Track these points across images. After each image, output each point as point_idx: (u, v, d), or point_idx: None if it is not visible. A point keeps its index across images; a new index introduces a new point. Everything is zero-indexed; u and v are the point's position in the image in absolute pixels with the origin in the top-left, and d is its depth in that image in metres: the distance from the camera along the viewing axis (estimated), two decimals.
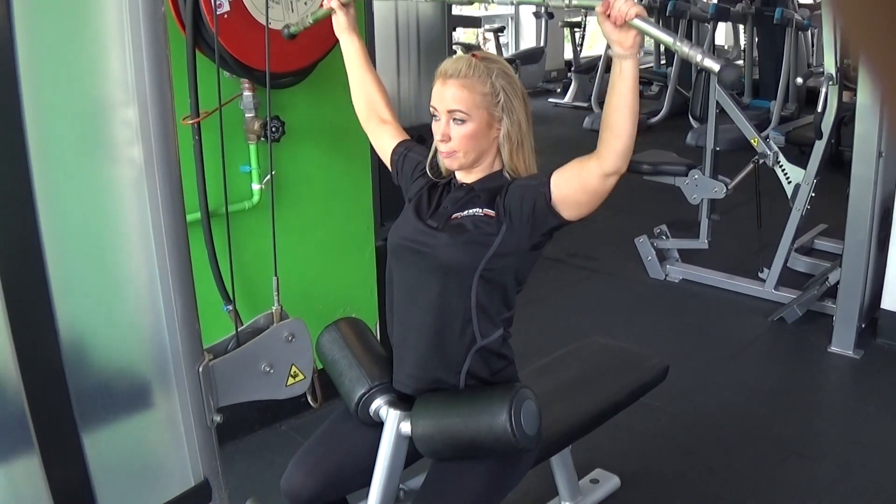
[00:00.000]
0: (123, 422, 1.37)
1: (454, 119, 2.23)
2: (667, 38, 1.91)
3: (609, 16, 1.91)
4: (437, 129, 2.26)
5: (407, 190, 2.50)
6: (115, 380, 1.35)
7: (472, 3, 2.24)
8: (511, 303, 2.35)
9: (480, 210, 2.25)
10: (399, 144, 2.56)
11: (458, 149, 2.24)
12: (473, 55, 2.27)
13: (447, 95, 2.22)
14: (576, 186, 2.14)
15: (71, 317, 1.24)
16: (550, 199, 2.16)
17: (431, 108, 2.27)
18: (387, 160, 2.59)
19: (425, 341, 2.32)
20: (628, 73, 1.98)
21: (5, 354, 1.18)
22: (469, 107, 2.21)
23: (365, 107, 2.63)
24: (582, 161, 2.12)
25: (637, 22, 1.89)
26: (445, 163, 2.31)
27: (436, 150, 2.36)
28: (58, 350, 1.23)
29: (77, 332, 1.25)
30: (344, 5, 2.53)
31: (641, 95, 10.59)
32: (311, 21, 2.63)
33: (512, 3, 2.11)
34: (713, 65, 1.85)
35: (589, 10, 1.97)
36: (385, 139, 2.59)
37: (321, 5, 2.58)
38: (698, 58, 1.85)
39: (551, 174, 2.17)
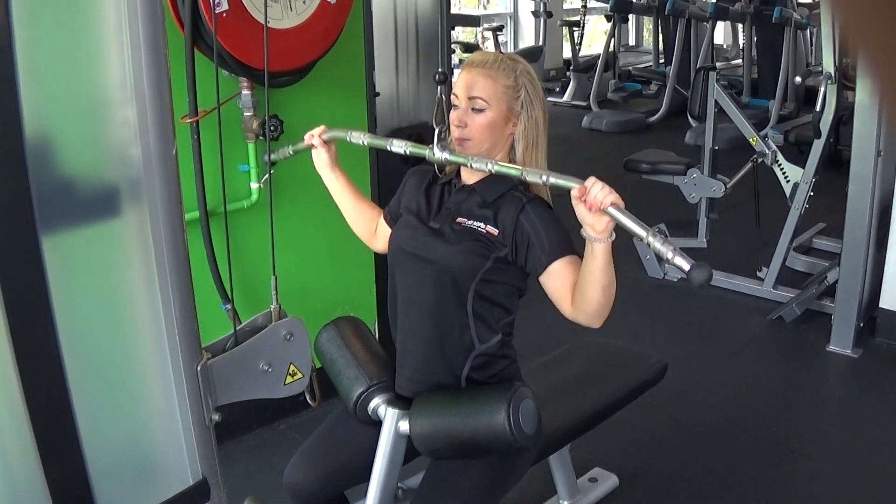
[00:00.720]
0: (122, 420, 1.37)
1: (473, 108, 2.24)
2: (640, 230, 1.90)
3: (584, 200, 1.92)
4: (455, 115, 2.27)
5: (402, 205, 2.50)
6: (113, 379, 1.35)
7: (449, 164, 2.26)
8: (511, 308, 2.35)
9: (483, 226, 2.26)
10: (384, 215, 2.61)
11: (472, 137, 2.25)
12: (500, 53, 2.32)
13: (471, 82, 2.25)
14: (552, 297, 2.24)
15: (69, 314, 1.24)
16: (539, 274, 2.23)
17: (452, 96, 2.29)
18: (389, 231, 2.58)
19: (425, 346, 2.33)
20: (600, 255, 2.02)
21: (4, 353, 1.18)
22: (490, 96, 2.23)
23: (365, 229, 2.68)
24: (565, 291, 2.19)
25: (611, 210, 1.92)
26: (456, 150, 2.31)
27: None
28: (56, 348, 1.22)
29: (75, 328, 1.25)
30: (325, 143, 2.54)
31: (640, 95, 10.64)
32: (291, 152, 2.68)
33: (491, 171, 2.13)
34: (683, 264, 1.85)
35: (565, 190, 1.98)
36: (383, 231, 2.61)
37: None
38: (669, 255, 1.85)
39: (554, 260, 2.21)
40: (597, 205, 1.92)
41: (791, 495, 3.36)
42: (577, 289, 2.12)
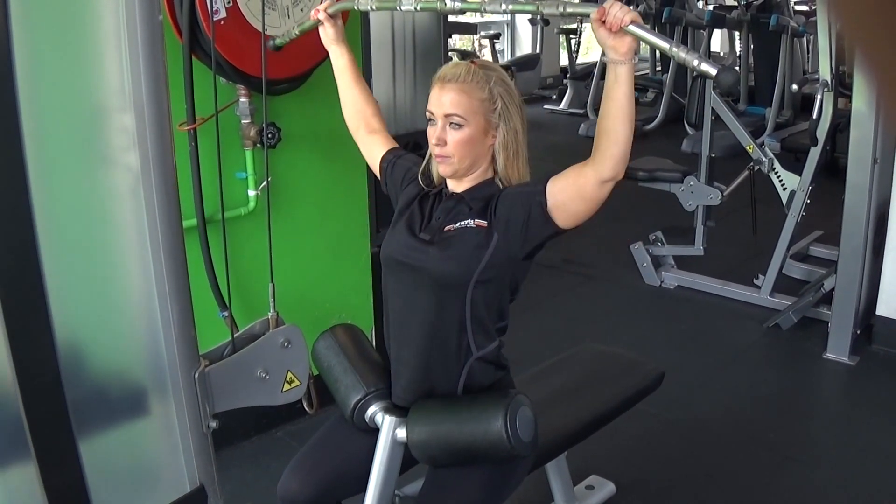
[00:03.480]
0: (119, 428, 1.37)
1: (451, 124, 2.21)
2: (662, 43, 1.91)
3: (604, 22, 1.91)
4: (433, 133, 2.24)
5: (396, 197, 2.47)
6: (111, 386, 1.35)
7: (463, 13, 2.21)
8: (505, 313, 2.34)
9: (472, 221, 2.23)
10: (388, 152, 2.56)
11: (453, 154, 2.23)
12: (472, 62, 2.27)
13: (445, 100, 2.21)
14: (572, 194, 2.12)
15: (67, 323, 1.24)
16: (546, 206, 2.13)
17: (428, 113, 2.26)
18: (376, 168, 2.57)
19: (421, 355, 2.32)
20: (624, 79, 1.97)
21: (2, 362, 1.18)
22: (466, 112, 2.20)
23: (354, 117, 2.63)
24: (578, 168, 2.11)
25: (632, 28, 1.90)
26: (440, 168, 2.29)
27: (429, 158, 2.36)
28: (54, 357, 1.23)
29: (73, 339, 1.25)
30: (331, 17, 2.52)
31: (637, 102, 10.62)
32: (297, 33, 2.64)
33: (505, 12, 2.10)
34: (710, 69, 1.85)
35: (584, 16, 1.96)
36: (374, 148, 2.59)
37: (310, 17, 2.58)
38: (695, 62, 1.86)
39: (546, 181, 2.15)
40: (617, 23, 1.89)
41: (788, 502, 3.36)
42: (603, 132, 2.03)
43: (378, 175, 2.57)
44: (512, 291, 2.32)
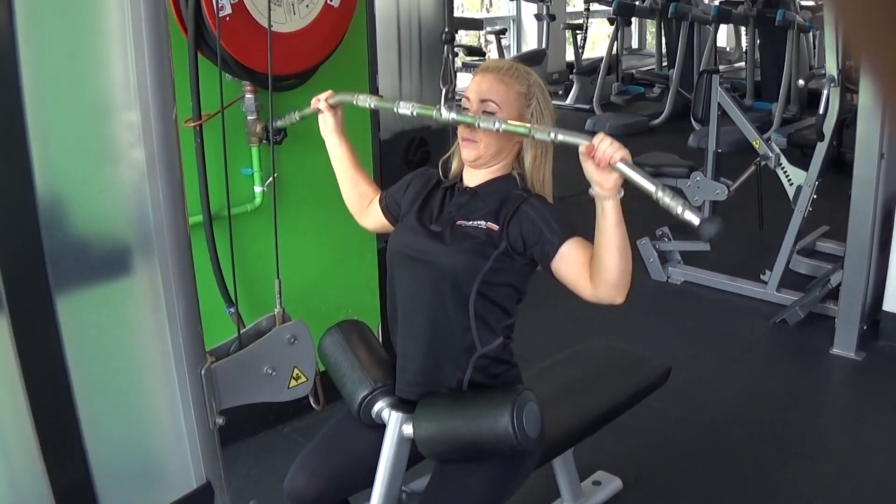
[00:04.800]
0: (126, 424, 1.37)
1: (485, 110, 2.24)
2: (649, 185, 1.89)
3: (593, 157, 1.92)
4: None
5: (403, 207, 2.49)
6: (117, 384, 1.35)
7: (457, 125, 2.26)
8: (511, 311, 2.35)
9: (484, 223, 2.25)
10: (381, 196, 2.60)
11: (480, 139, 2.25)
12: (515, 62, 2.34)
13: (483, 86, 2.25)
14: (569, 281, 2.18)
15: (73, 318, 1.24)
16: (549, 260, 2.18)
17: (463, 100, 2.29)
18: (385, 222, 2.59)
19: (426, 350, 2.32)
20: (610, 214, 1.99)
21: (7, 357, 1.18)
22: (502, 100, 2.23)
23: (357, 201, 2.67)
24: (582, 270, 2.13)
25: (620, 166, 1.90)
26: (463, 153, 2.31)
27: (451, 151, 2.38)
28: (60, 352, 1.23)
29: (79, 333, 1.25)
30: (332, 107, 2.54)
31: (643, 98, 10.63)
32: (297, 118, 2.68)
33: (498, 130, 2.10)
34: (693, 218, 1.84)
35: (572, 146, 1.97)
36: (376, 210, 2.61)
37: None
38: (679, 209, 1.85)
39: (564, 241, 2.17)
40: (605, 160, 1.90)
41: (794, 498, 3.36)
42: (594, 260, 2.08)
43: (387, 219, 2.56)
44: (518, 291, 2.34)
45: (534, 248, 2.20)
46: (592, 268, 2.09)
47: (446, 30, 2.39)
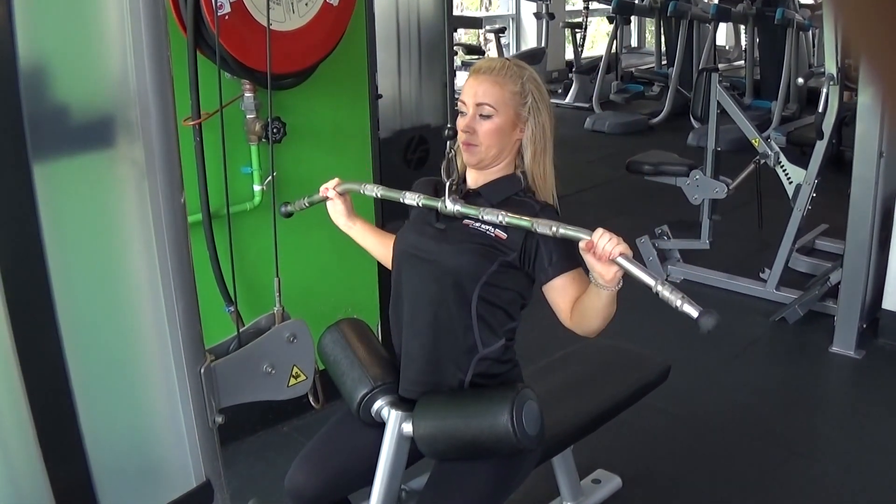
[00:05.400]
0: (125, 423, 1.37)
1: (481, 114, 2.26)
2: (648, 279, 1.92)
3: (593, 251, 1.94)
4: (463, 122, 2.29)
5: (411, 211, 2.49)
6: (116, 383, 1.35)
7: (464, 217, 2.28)
8: (514, 315, 2.36)
9: (492, 231, 2.26)
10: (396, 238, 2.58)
11: (481, 142, 2.28)
12: (507, 59, 2.35)
13: (478, 89, 2.27)
14: (553, 307, 2.29)
15: (72, 316, 1.24)
16: (542, 285, 2.27)
17: (460, 103, 2.31)
18: None
19: (428, 348, 2.33)
20: (605, 301, 2.08)
21: (7, 354, 1.18)
22: (497, 102, 2.25)
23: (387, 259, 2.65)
24: (566, 304, 2.24)
25: (620, 260, 1.94)
26: (465, 157, 2.34)
27: (452, 153, 2.39)
28: (59, 348, 1.23)
29: (78, 332, 1.25)
30: (340, 194, 2.57)
31: (642, 96, 10.64)
32: (307, 204, 2.70)
33: (501, 224, 2.15)
34: (692, 311, 1.88)
35: (574, 240, 2.00)
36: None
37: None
38: (678, 303, 1.88)
39: (559, 275, 2.24)
40: (605, 256, 1.94)
41: (793, 497, 3.36)
42: (579, 311, 2.18)
43: None
44: (522, 296, 2.35)
45: (531, 268, 2.28)
46: (575, 313, 2.20)
47: (449, 126, 2.42)
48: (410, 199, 2.33)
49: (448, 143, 2.35)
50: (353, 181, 2.58)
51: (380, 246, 2.67)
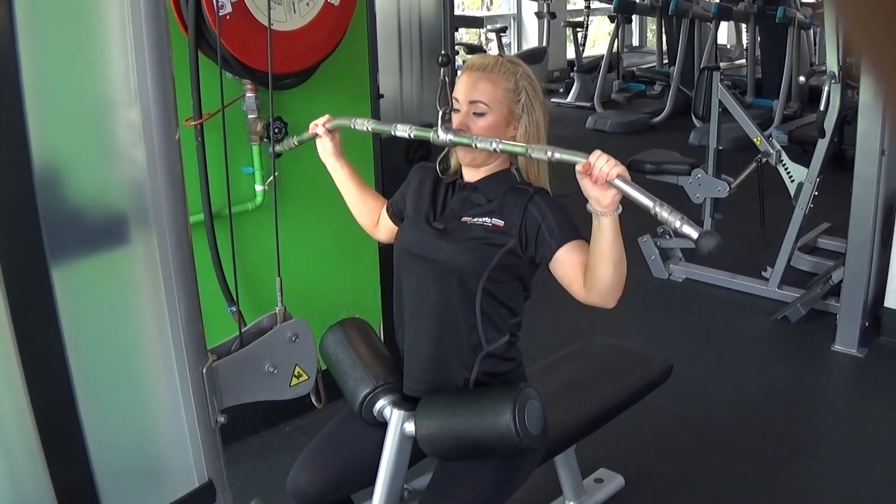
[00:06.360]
0: (127, 422, 1.37)
1: (475, 112, 2.25)
2: (646, 200, 1.88)
3: (590, 174, 1.92)
4: (457, 119, 2.27)
5: (407, 205, 2.49)
6: (118, 382, 1.35)
7: (454, 146, 2.26)
8: (518, 309, 2.35)
9: (489, 220, 2.26)
10: (388, 206, 2.61)
11: None
12: (500, 55, 2.33)
13: (471, 87, 2.25)
14: (564, 282, 2.22)
15: (74, 317, 1.24)
16: (548, 262, 2.22)
17: (454, 101, 2.29)
18: (393, 229, 2.58)
19: (433, 346, 2.33)
20: (607, 229, 2.00)
21: (9, 356, 1.18)
22: (491, 99, 2.24)
23: (367, 218, 2.68)
24: (576, 274, 2.17)
25: (618, 182, 1.90)
26: (459, 154, 2.33)
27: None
28: (62, 350, 1.23)
29: (81, 332, 1.25)
30: (329, 131, 2.55)
31: (644, 95, 10.62)
32: (296, 143, 2.68)
33: (496, 150, 2.12)
34: (691, 231, 1.84)
35: (570, 164, 1.97)
36: (385, 222, 2.63)
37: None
38: (677, 223, 1.84)
39: (562, 245, 2.19)
40: (602, 177, 1.91)
41: (796, 495, 3.36)
42: (588, 268, 2.10)
43: (397, 226, 2.56)
44: (525, 288, 2.34)
45: (534, 248, 2.22)
46: (586, 275, 2.12)
47: (443, 52, 2.40)
48: (402, 130, 2.30)
49: (441, 69, 2.33)
50: (343, 116, 2.55)
51: (358, 198, 2.67)
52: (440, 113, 2.22)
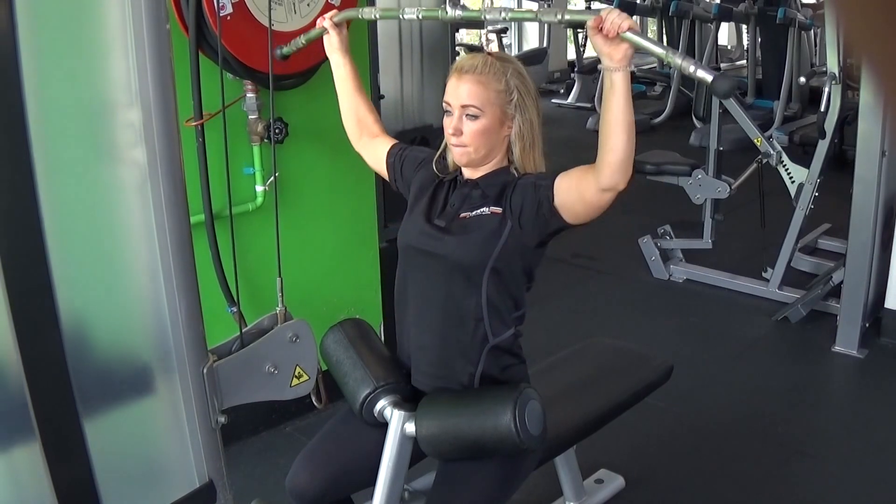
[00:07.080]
0: (128, 423, 1.37)
1: (467, 114, 2.24)
2: (659, 49, 1.91)
3: (601, 29, 1.91)
4: (449, 123, 2.26)
5: (408, 187, 2.49)
6: (119, 381, 1.35)
7: (464, 21, 2.26)
8: (521, 301, 2.35)
9: (487, 209, 2.26)
10: (393, 147, 2.59)
11: (469, 144, 2.25)
12: (489, 54, 2.29)
13: (462, 91, 2.23)
14: (575, 196, 2.14)
15: (75, 318, 1.24)
16: (553, 201, 2.16)
17: (445, 104, 2.28)
18: (382, 167, 2.59)
19: (440, 341, 2.33)
20: (619, 86, 1.97)
21: (11, 360, 1.18)
22: (483, 102, 2.22)
23: (356, 125, 2.66)
24: (584, 170, 2.12)
25: (629, 35, 1.90)
26: (455, 157, 2.33)
27: (443, 147, 2.38)
28: (62, 351, 1.23)
29: (82, 334, 1.25)
30: (336, 25, 2.55)
31: (644, 96, 10.62)
32: (303, 42, 2.66)
33: (505, 20, 2.14)
34: (706, 75, 1.85)
35: (580, 24, 1.98)
36: (378, 149, 2.61)
37: (314, 24, 2.59)
38: (691, 69, 1.85)
39: (556, 176, 2.17)
40: (614, 30, 1.89)
41: (797, 496, 3.35)
42: (601, 143, 2.04)
43: (386, 173, 2.58)
44: (528, 278, 2.34)
45: (535, 208, 2.19)
46: (599, 153, 2.05)
47: None
48: (410, 13, 2.30)
49: None
50: (349, 9, 2.57)
51: (352, 99, 2.66)
52: None
